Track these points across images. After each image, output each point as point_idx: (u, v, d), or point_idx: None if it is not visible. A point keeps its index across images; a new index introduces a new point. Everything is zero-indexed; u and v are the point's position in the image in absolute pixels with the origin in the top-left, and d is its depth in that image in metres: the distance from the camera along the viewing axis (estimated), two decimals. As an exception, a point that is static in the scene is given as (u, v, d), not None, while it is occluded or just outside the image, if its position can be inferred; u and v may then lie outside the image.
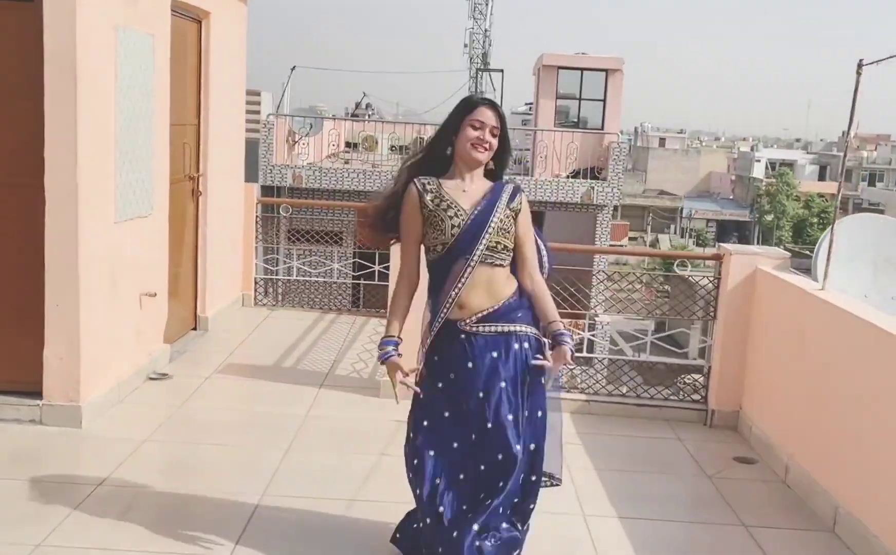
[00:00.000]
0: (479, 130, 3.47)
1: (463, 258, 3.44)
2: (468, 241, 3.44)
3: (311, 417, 5.65)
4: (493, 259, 3.47)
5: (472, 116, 3.49)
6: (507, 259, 3.53)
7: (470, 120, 3.48)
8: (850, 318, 4.53)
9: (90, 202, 5.17)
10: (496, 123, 3.50)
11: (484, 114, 3.49)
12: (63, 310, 5.09)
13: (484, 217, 3.46)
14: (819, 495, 4.63)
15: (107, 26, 5.34)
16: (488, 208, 3.47)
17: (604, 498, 4.69)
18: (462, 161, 3.52)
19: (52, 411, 5.13)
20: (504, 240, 3.49)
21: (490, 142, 3.49)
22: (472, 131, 3.47)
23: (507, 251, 3.52)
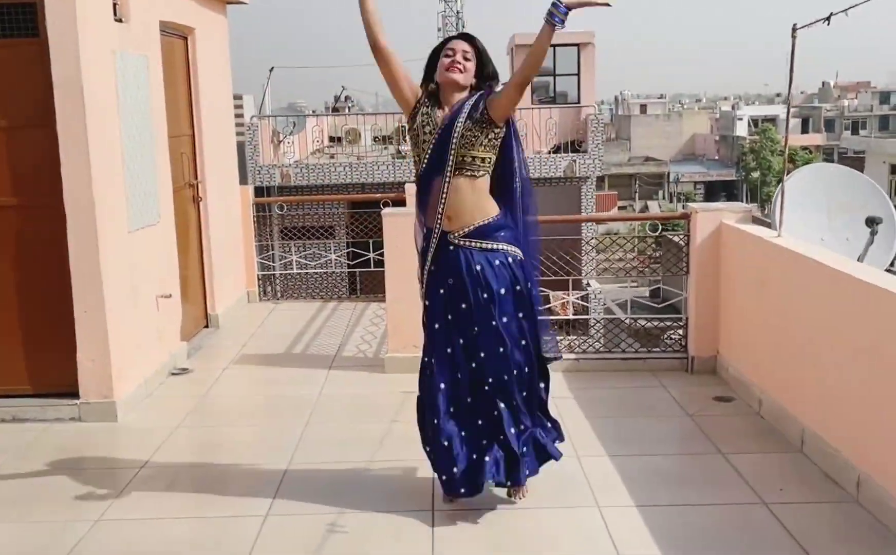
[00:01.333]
0: (450, 56, 3.92)
1: (439, 174, 3.90)
2: (437, 156, 3.90)
3: (324, 395, 6.14)
4: (468, 170, 3.90)
5: (444, 50, 3.98)
6: (481, 169, 3.93)
7: (443, 53, 3.96)
8: (803, 260, 5.01)
9: (106, 216, 5.63)
10: (466, 48, 3.94)
11: (454, 42, 3.97)
12: (91, 316, 5.56)
13: (447, 133, 3.88)
14: (788, 421, 5.13)
15: (106, 51, 5.77)
16: (451, 123, 3.88)
17: (594, 440, 5.18)
18: (445, 86, 3.95)
19: (90, 409, 5.61)
20: (471, 152, 3.88)
21: (463, 63, 3.92)
22: (446, 59, 3.93)
23: (480, 162, 3.92)
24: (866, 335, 4.31)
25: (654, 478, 4.65)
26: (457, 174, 3.90)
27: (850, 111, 73.78)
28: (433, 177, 3.94)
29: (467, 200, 3.93)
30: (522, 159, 4.13)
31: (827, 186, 6.10)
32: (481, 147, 3.91)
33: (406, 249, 4.41)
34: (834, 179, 6.16)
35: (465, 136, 3.87)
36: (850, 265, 4.75)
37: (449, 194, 3.91)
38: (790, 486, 4.49)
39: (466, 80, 3.95)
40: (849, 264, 4.77)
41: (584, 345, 6.91)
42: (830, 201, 6.02)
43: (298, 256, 9.71)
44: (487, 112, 3.89)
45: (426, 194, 4.01)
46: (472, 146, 3.89)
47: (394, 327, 6.57)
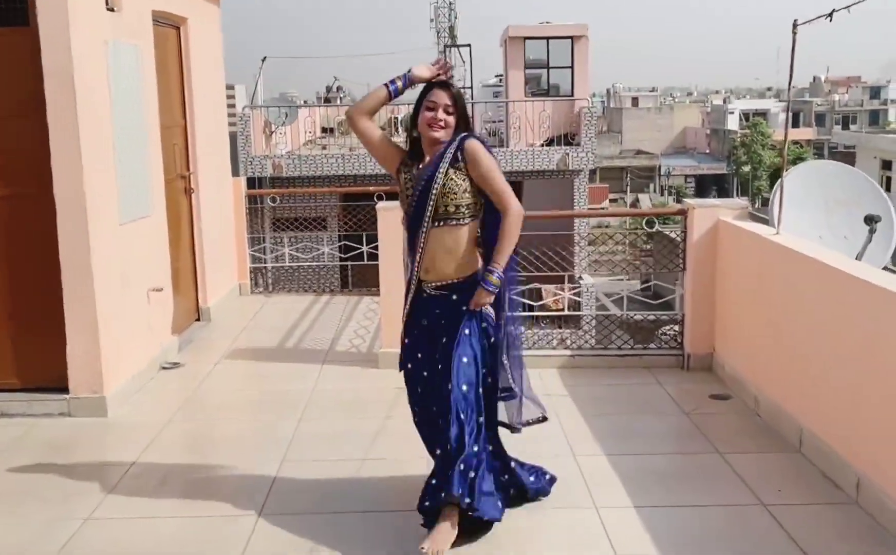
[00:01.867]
0: (432, 111, 3.82)
1: (419, 228, 3.85)
2: (418, 211, 3.84)
3: (317, 390, 6.08)
4: (452, 220, 3.82)
5: (426, 99, 3.85)
6: (465, 216, 3.84)
7: (425, 103, 3.85)
8: (801, 258, 4.97)
9: (96, 207, 5.55)
10: (449, 102, 3.83)
11: (436, 94, 3.84)
12: (81, 310, 5.49)
13: (427, 185, 3.81)
14: (785, 420, 5.09)
15: (97, 41, 5.70)
16: (430, 175, 3.81)
17: (591, 439, 5.14)
18: (427, 142, 3.89)
19: (80, 403, 5.54)
20: (453, 201, 3.80)
21: (444, 119, 3.82)
22: (428, 112, 3.83)
23: (464, 209, 3.82)
24: (865, 334, 4.27)
25: (652, 478, 4.60)
26: (439, 226, 3.84)
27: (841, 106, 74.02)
28: (416, 228, 3.90)
29: (448, 253, 3.86)
30: None
31: (825, 183, 6.06)
32: (465, 194, 3.84)
33: (400, 242, 4.37)
34: (831, 176, 6.13)
35: (446, 186, 3.80)
36: (849, 264, 4.71)
37: (427, 246, 3.86)
38: (788, 487, 4.45)
39: (448, 135, 3.86)
40: (847, 263, 4.73)
41: (580, 341, 6.86)
42: (828, 199, 5.99)
43: (291, 249, 9.65)
44: (465, 163, 3.83)
45: (411, 243, 3.99)
46: (455, 195, 3.82)
47: (388, 322, 6.51)
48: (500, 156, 18.92)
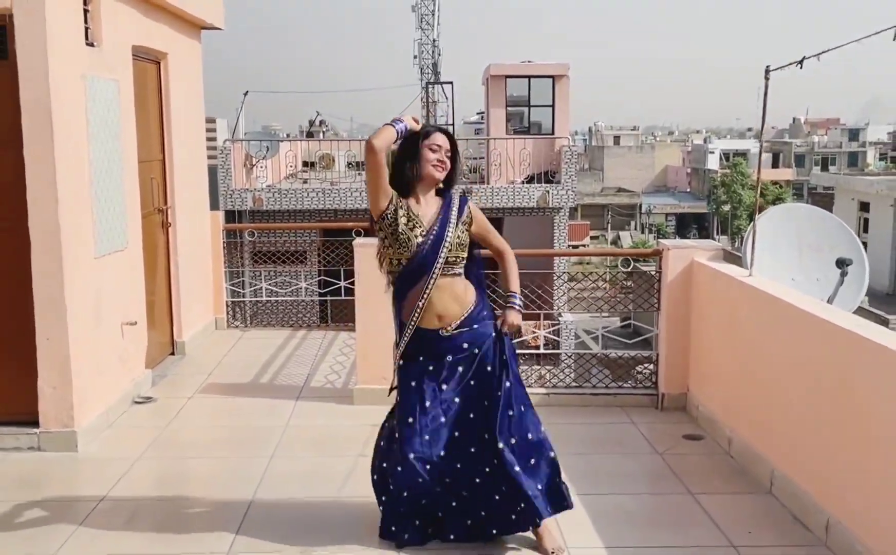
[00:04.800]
0: (436, 153, 4.02)
1: (425, 272, 3.96)
2: (429, 256, 3.96)
3: (290, 426, 6.04)
4: (453, 270, 4.04)
5: (429, 141, 4.02)
6: (462, 264, 4.09)
7: (428, 144, 4.01)
8: (773, 300, 5.02)
9: (72, 241, 5.53)
10: (448, 148, 4.07)
11: (439, 138, 4.05)
12: (53, 343, 5.45)
13: (440, 234, 3.98)
14: (757, 462, 5.11)
15: (75, 76, 5.70)
16: (443, 225, 4.01)
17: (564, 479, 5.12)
18: (423, 181, 4.03)
19: (50, 438, 5.48)
20: (461, 253, 4.05)
21: (446, 161, 4.05)
22: (432, 154, 4.01)
23: (463, 261, 4.08)
24: (835, 378, 4.30)
25: (623, 518, 4.60)
26: (444, 274, 4.01)
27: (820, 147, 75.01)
28: (422, 273, 3.99)
29: (456, 298, 4.05)
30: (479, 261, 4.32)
31: (798, 225, 6.13)
32: (465, 247, 4.09)
33: (377, 279, 4.34)
34: (805, 219, 6.20)
35: (458, 238, 4.04)
36: (820, 307, 4.75)
37: (435, 292, 4.00)
38: (759, 529, 4.46)
39: (444, 177, 4.09)
40: (818, 306, 4.77)
41: (555, 379, 6.87)
42: (801, 241, 6.05)
43: (269, 284, 9.63)
44: (471, 219, 4.13)
45: (405, 291, 4.06)
46: (461, 246, 4.06)
47: (363, 359, 6.50)
48: (480, 192, 19.02)
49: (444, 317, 4.02)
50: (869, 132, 76.95)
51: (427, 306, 3.99)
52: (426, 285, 3.97)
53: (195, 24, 8.48)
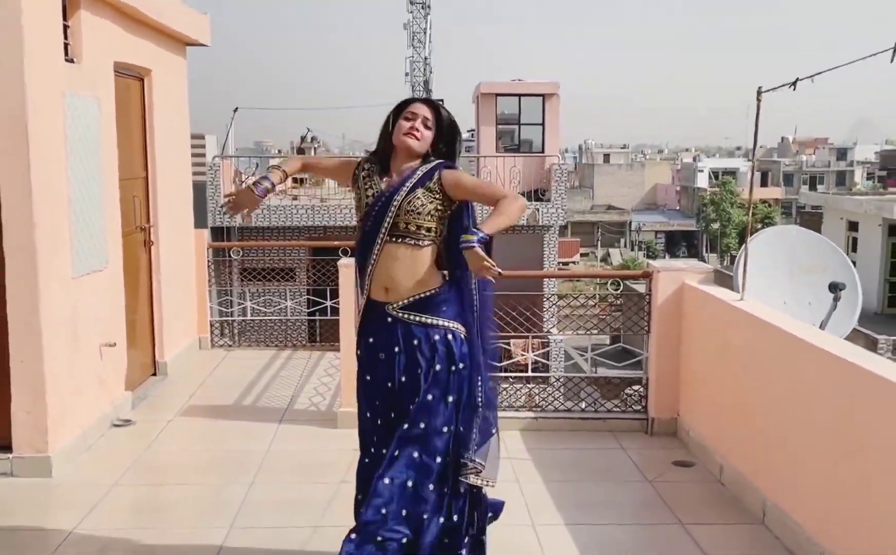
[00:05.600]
0: (411, 120, 3.69)
1: (375, 235, 3.64)
2: (377, 217, 3.63)
3: (272, 451, 5.90)
4: (412, 239, 3.62)
5: (405, 110, 3.73)
6: (424, 239, 3.63)
7: (403, 114, 3.72)
8: (765, 325, 4.91)
9: (48, 260, 5.39)
10: (428, 115, 3.71)
11: (416, 106, 3.74)
12: (27, 365, 5.30)
13: (389, 198, 3.63)
14: (749, 491, 4.99)
15: (54, 93, 5.57)
16: (395, 190, 3.64)
17: (552, 507, 5.01)
18: (398, 150, 3.72)
19: (23, 463, 5.32)
20: (416, 220, 3.61)
21: (421, 131, 3.68)
22: (405, 122, 3.69)
23: (424, 232, 3.63)
24: (828, 405, 4.20)
25: (612, 550, 4.48)
26: (397, 242, 3.64)
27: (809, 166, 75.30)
28: (370, 242, 3.69)
29: (406, 270, 3.65)
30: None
31: (790, 248, 6.03)
32: (428, 216, 3.64)
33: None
34: (796, 241, 6.11)
35: (411, 203, 3.62)
36: (813, 333, 4.65)
37: (381, 262, 3.67)
38: (751, 561, 4.34)
39: (422, 148, 3.72)
40: (811, 332, 4.67)
41: (544, 402, 6.74)
42: (793, 264, 5.96)
43: (256, 302, 9.49)
44: (442, 185, 3.67)
45: (363, 260, 3.74)
46: (419, 214, 3.63)
47: (348, 380, 6.36)
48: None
49: (390, 290, 3.67)
50: (857, 152, 77.33)
51: (375, 274, 3.67)
52: (373, 248, 3.64)
53: (180, 40, 8.36)
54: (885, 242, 24.68)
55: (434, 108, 3.75)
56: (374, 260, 3.67)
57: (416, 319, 3.66)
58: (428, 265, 3.67)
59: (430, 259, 3.69)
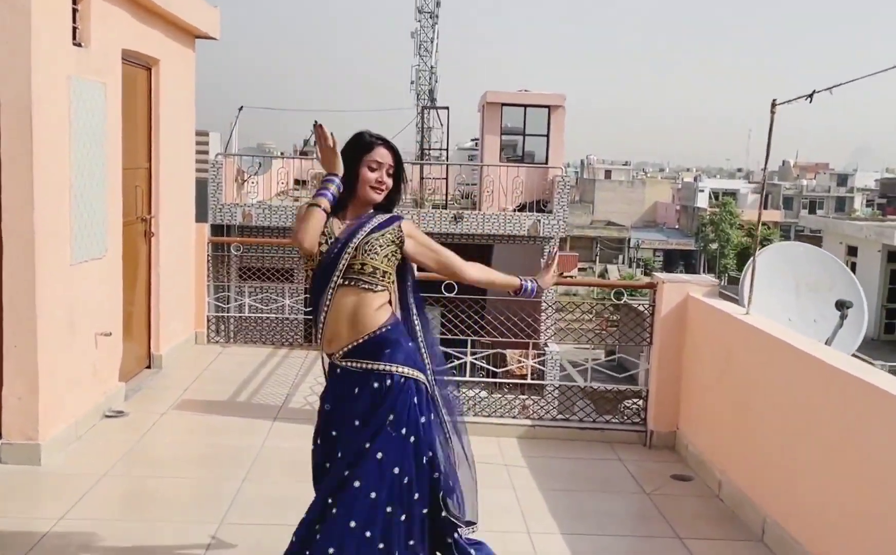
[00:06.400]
0: (376, 171, 3.39)
1: (325, 283, 3.35)
2: (330, 262, 3.34)
3: (266, 448, 5.82)
4: (360, 282, 3.34)
5: (369, 157, 3.39)
6: (377, 284, 3.37)
7: (367, 160, 3.38)
8: (771, 340, 4.85)
9: (47, 246, 5.32)
10: (392, 163, 3.43)
11: (382, 154, 3.41)
12: (21, 351, 5.22)
13: (346, 238, 3.35)
14: (748, 507, 4.92)
15: (60, 76, 5.51)
16: (354, 231, 3.37)
17: (548, 516, 4.93)
18: (358, 200, 3.42)
19: (12, 450, 5.24)
20: (371, 261, 3.34)
21: (387, 182, 3.42)
22: (370, 173, 3.38)
23: (378, 274, 3.37)
24: (837, 424, 4.13)
25: (609, 561, 4.40)
26: (348, 285, 3.36)
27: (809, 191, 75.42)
28: (322, 286, 3.39)
29: (353, 314, 3.36)
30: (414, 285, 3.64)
31: (796, 265, 5.97)
32: (385, 259, 3.39)
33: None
34: (803, 258, 6.04)
35: (369, 243, 3.36)
36: (821, 350, 4.59)
37: (331, 309, 3.37)
38: (750, 578, 4.27)
39: (383, 198, 3.47)
40: (819, 348, 4.61)
41: (541, 411, 6.67)
42: (799, 281, 5.89)
43: (254, 300, 9.41)
44: (401, 235, 3.44)
45: (316, 309, 3.44)
46: (376, 254, 3.37)
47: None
48: (472, 219, 18.88)
49: (332, 340, 3.39)
50: (857, 178, 77.46)
51: (327, 322, 3.37)
52: (325, 295, 3.35)
53: (189, 31, 8.30)
54: (884, 268, 24.67)
55: (395, 153, 3.47)
56: (326, 307, 3.37)
57: (359, 367, 3.37)
58: (375, 307, 3.39)
59: (380, 304, 3.41)
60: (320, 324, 3.39)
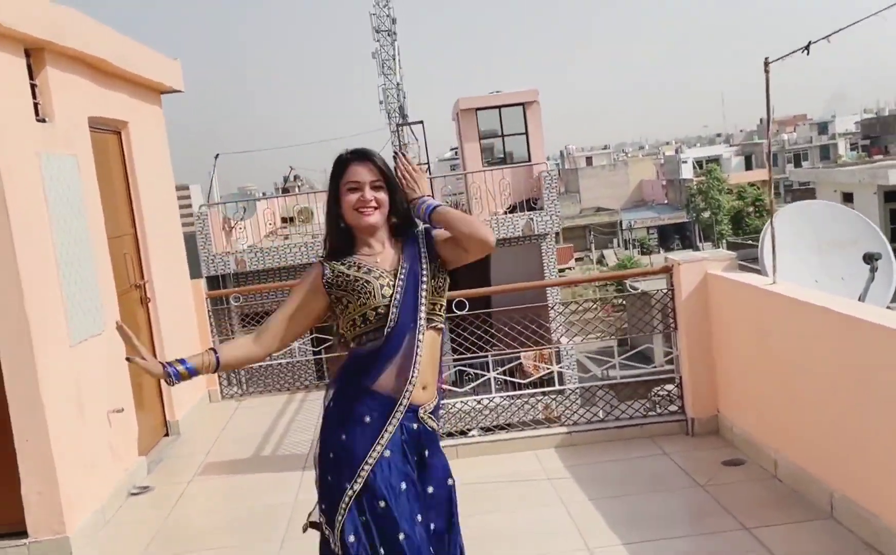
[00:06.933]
0: (356, 192, 2.97)
1: (411, 328, 2.89)
2: (409, 305, 2.91)
3: (299, 502, 5.59)
4: (433, 322, 2.97)
5: (343, 180, 2.99)
6: (442, 320, 3.03)
7: (344, 184, 2.99)
8: (807, 307, 4.63)
9: (42, 330, 5.11)
10: (374, 176, 2.98)
11: (355, 172, 2.98)
12: (33, 444, 5.01)
13: (415, 275, 2.95)
14: (812, 484, 4.69)
15: (29, 153, 5.31)
16: (414, 265, 2.97)
17: (605, 527, 4.71)
18: (357, 231, 3.01)
19: (41, 547, 5.02)
20: (440, 298, 3.01)
21: (375, 198, 2.96)
22: (351, 196, 2.97)
23: (441, 310, 3.03)
24: (888, 381, 3.92)
25: (678, 566, 4.18)
26: (430, 328, 2.96)
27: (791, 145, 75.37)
28: (405, 330, 2.90)
29: (432, 359, 2.97)
30: None
31: (814, 223, 5.78)
32: (441, 292, 3.03)
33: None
34: (821, 216, 5.85)
35: (437, 278, 3.01)
36: (863, 308, 4.40)
37: (424, 354, 2.91)
38: (829, 560, 4.05)
39: (384, 215, 3.01)
40: (860, 308, 4.42)
41: (575, 415, 6.45)
42: (820, 239, 5.70)
43: (260, 348, 9.16)
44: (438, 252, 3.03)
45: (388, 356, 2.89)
46: (443, 290, 3.03)
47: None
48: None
49: (427, 387, 2.96)
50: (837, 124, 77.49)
51: (421, 374, 2.91)
52: (416, 346, 2.88)
53: (154, 88, 8.10)
54: (883, 209, 24.50)
55: (372, 162, 2.99)
56: (418, 356, 2.89)
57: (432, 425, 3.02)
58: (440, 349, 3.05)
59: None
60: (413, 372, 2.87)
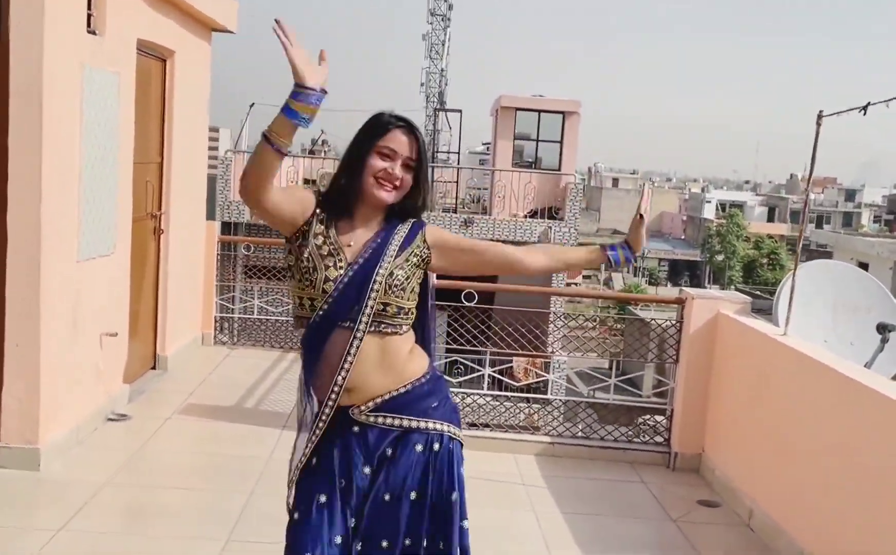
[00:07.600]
0: (387, 161, 2.59)
1: (345, 327, 2.56)
2: (347, 302, 2.56)
3: (273, 460, 5.57)
4: (384, 326, 2.59)
5: (382, 142, 2.59)
6: (404, 325, 2.64)
7: (379, 146, 2.59)
8: (813, 363, 4.59)
9: (53, 240, 5.09)
10: (410, 154, 2.61)
11: (396, 139, 2.60)
12: (23, 351, 4.98)
13: (366, 271, 2.58)
14: (783, 539, 4.66)
15: (73, 64, 5.29)
16: (373, 258, 2.60)
17: (571, 542, 4.69)
18: (363, 201, 2.64)
19: (10, 454, 4.98)
20: (398, 300, 2.60)
21: (402, 177, 2.61)
22: (379, 162, 2.58)
23: (404, 315, 2.63)
24: (880, 452, 3.88)
25: (639, 594, 4.15)
26: (373, 331, 2.58)
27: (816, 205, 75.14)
28: (333, 329, 2.58)
29: (382, 363, 2.61)
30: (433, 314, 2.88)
31: (834, 283, 5.73)
32: (411, 294, 2.66)
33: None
34: (841, 277, 5.80)
35: (395, 277, 2.59)
36: (868, 375, 4.34)
37: (358, 359, 2.57)
38: (790, 618, 4.02)
39: (397, 199, 2.64)
40: (866, 374, 4.37)
41: (560, 428, 6.42)
42: (837, 301, 5.65)
43: (261, 301, 9.17)
44: (430, 253, 2.71)
45: (316, 351, 2.60)
46: (403, 291, 2.62)
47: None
48: (482, 224, 18.66)
49: (354, 391, 2.59)
50: (865, 194, 77.23)
51: (349, 378, 2.56)
52: (349, 347, 2.55)
53: (206, 24, 8.06)
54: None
55: (418, 141, 2.63)
56: (350, 361, 2.56)
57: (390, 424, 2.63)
58: (407, 352, 2.67)
59: (410, 345, 2.70)
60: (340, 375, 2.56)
